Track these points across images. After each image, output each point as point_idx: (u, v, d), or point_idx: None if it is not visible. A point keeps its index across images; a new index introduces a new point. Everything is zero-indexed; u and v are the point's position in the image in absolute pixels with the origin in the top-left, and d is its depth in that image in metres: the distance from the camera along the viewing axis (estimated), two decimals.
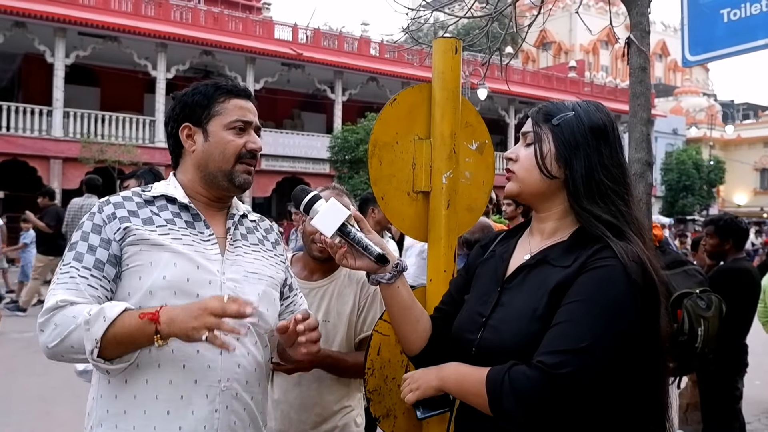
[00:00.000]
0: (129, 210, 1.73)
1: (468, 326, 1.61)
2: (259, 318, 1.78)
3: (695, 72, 50.00)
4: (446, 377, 1.60)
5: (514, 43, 9.23)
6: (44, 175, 21.40)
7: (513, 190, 1.64)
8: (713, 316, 3.71)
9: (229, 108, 1.80)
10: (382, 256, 1.72)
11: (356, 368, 2.44)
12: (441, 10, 4.05)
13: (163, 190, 1.81)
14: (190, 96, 1.84)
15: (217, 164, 1.79)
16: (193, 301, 1.60)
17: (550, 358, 1.37)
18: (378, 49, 28.35)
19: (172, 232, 1.73)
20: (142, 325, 1.51)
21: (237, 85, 1.86)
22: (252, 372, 1.78)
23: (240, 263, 1.80)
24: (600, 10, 36.56)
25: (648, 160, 3.27)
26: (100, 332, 1.50)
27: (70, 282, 1.62)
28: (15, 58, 24.23)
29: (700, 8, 4.13)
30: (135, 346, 1.56)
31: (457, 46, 2.10)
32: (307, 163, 26.37)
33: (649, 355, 1.47)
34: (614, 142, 1.57)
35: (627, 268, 1.41)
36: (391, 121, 2.07)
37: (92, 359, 1.52)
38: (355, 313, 2.54)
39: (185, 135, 1.82)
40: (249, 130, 1.83)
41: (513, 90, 27.91)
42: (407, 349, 1.81)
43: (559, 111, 1.59)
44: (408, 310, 1.77)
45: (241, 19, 25.89)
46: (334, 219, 1.71)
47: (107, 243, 1.68)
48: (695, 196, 36.07)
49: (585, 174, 1.52)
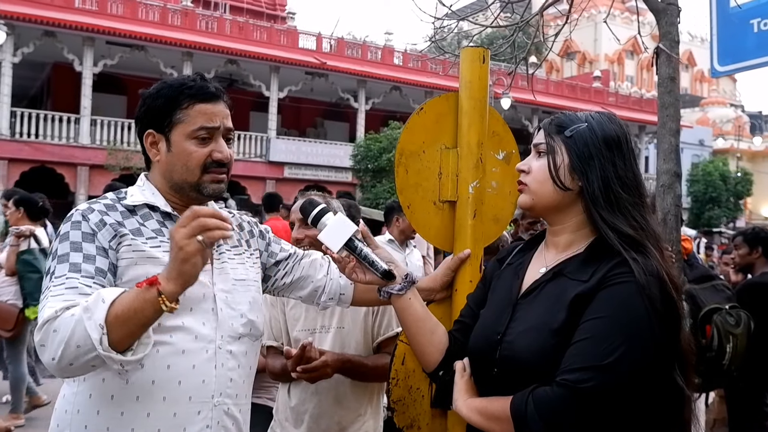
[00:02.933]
0: (116, 220, 1.63)
1: (484, 344, 1.59)
2: (250, 326, 1.75)
3: (722, 82, 49.42)
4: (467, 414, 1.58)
5: (538, 52, 9.16)
6: (71, 181, 21.70)
7: (526, 203, 1.63)
8: (742, 333, 3.67)
9: (192, 115, 1.67)
10: (388, 273, 1.71)
11: (378, 371, 2.43)
12: (467, 19, 4.05)
13: (142, 198, 1.71)
14: (154, 99, 1.70)
15: (182, 176, 1.69)
16: (187, 315, 1.58)
17: (573, 375, 1.36)
18: (401, 58, 28.39)
19: (162, 245, 1.64)
20: (143, 293, 1.37)
21: (204, 86, 1.70)
22: (241, 384, 1.74)
23: (227, 271, 1.75)
24: (625, 20, 36.30)
25: (676, 171, 3.23)
26: (102, 315, 1.35)
27: (67, 293, 1.47)
28: (44, 67, 24.63)
29: (729, 18, 4.08)
30: (143, 321, 1.39)
31: (485, 55, 2.09)
32: (330, 172, 26.43)
33: (671, 370, 1.46)
34: (628, 154, 1.56)
35: (648, 283, 1.39)
36: (418, 129, 2.06)
37: (102, 350, 1.35)
38: (370, 316, 2.52)
39: (149, 143, 1.72)
40: (216, 136, 1.70)
41: (537, 99, 27.81)
42: (425, 363, 1.79)
43: (572, 122, 1.58)
44: (422, 322, 1.75)
45: (265, 29, 26.09)
46: (341, 234, 1.70)
47: (104, 251, 1.57)
48: (722, 208, 35.57)
49: (602, 185, 1.50)
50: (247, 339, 1.75)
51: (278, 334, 2.59)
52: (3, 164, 20.63)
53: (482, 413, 1.52)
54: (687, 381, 1.51)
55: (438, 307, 2.06)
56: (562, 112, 1.65)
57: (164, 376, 1.58)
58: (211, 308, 1.67)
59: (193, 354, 1.62)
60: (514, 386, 1.46)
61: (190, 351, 1.61)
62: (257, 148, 25.00)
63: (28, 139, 21.18)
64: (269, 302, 2.57)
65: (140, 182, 1.77)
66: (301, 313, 2.54)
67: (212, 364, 1.63)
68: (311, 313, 2.52)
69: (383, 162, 22.95)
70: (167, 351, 1.58)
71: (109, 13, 22.45)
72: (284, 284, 2.00)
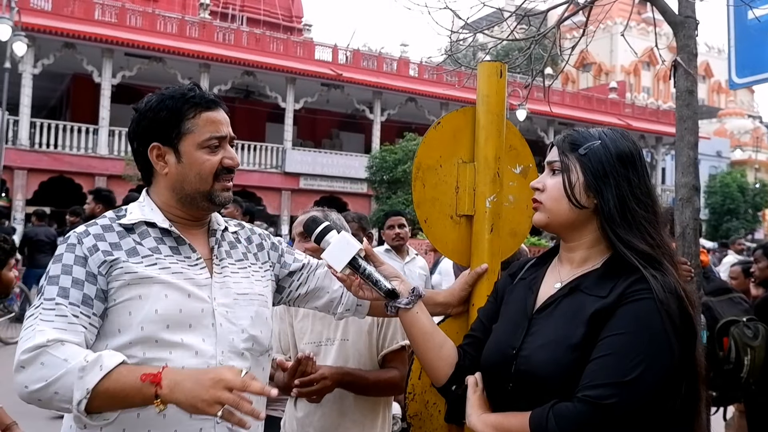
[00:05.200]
0: (111, 243, 1.62)
1: (499, 359, 1.58)
2: (253, 342, 1.73)
3: (740, 93, 49.09)
4: (482, 430, 1.56)
5: (554, 64, 9.19)
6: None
7: (541, 221, 1.63)
8: (760, 345, 3.63)
9: (200, 124, 1.68)
10: (391, 292, 1.70)
11: (379, 385, 2.42)
12: (483, 32, 4.05)
13: (141, 216, 1.69)
14: (157, 112, 1.69)
15: (194, 186, 1.69)
16: (186, 331, 1.57)
17: (595, 391, 1.35)
18: (417, 69, 28.45)
19: (159, 262, 1.63)
20: (141, 386, 1.36)
21: (205, 95, 1.71)
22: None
23: (229, 285, 1.73)
24: (641, 31, 36.21)
25: (695, 184, 3.21)
26: (94, 382, 1.35)
27: (57, 320, 1.47)
28: (64, 78, 24.95)
29: (747, 30, 4.07)
30: (126, 405, 1.40)
31: (502, 69, 2.09)
32: (345, 183, 26.49)
33: (686, 385, 1.46)
34: (642, 170, 1.56)
35: (667, 300, 1.40)
36: (435, 144, 2.07)
37: (77, 410, 1.35)
38: (375, 329, 2.51)
39: (155, 156, 1.70)
40: (223, 144, 1.71)
41: (553, 111, 27.75)
42: (435, 378, 1.77)
43: (586, 140, 1.58)
44: (429, 336, 1.75)
45: (282, 41, 26.28)
46: (344, 254, 1.70)
47: (93, 277, 1.56)
48: (740, 219, 35.25)
49: (618, 203, 1.50)
50: (250, 354, 1.72)
51: (286, 347, 2.60)
52: (23, 174, 20.88)
53: (498, 429, 1.51)
54: (700, 395, 1.50)
55: (455, 322, 2.06)
56: (575, 129, 1.65)
57: (160, 425, 1.55)
58: (211, 323, 1.65)
59: None
60: (529, 401, 1.46)
61: (190, 367, 1.57)
62: (273, 159, 25.13)
63: (47, 150, 21.44)
64: (278, 316, 2.57)
65: (141, 198, 1.77)
66: (308, 326, 2.54)
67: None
68: (317, 326, 2.52)
69: (398, 173, 22.96)
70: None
71: (128, 25, 22.74)
72: (299, 295, 1.99)
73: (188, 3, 31.34)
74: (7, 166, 18.20)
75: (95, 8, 22.58)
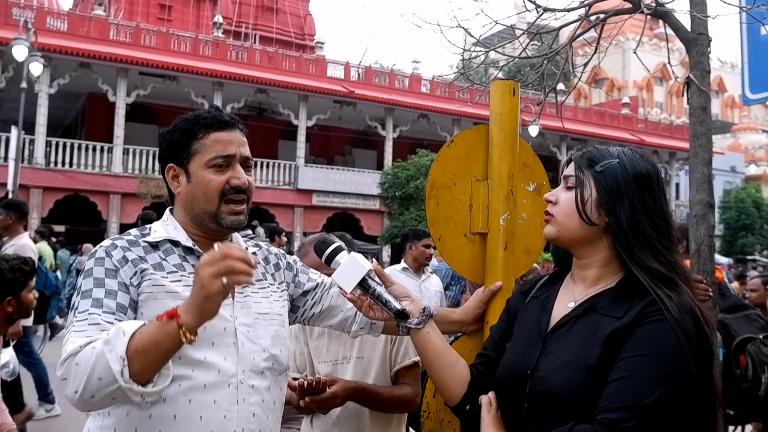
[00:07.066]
0: (138, 255, 1.65)
1: (513, 378, 1.57)
2: (273, 361, 1.74)
3: (754, 108, 48.80)
4: None
5: (566, 80, 9.18)
6: (104, 209, 22.08)
7: (551, 234, 1.62)
8: None
9: (207, 144, 1.70)
10: (401, 312, 1.70)
11: (393, 401, 2.41)
12: (495, 50, 4.07)
13: (165, 234, 1.72)
14: (171, 134, 1.74)
15: (202, 206, 1.71)
16: (208, 349, 1.59)
17: (615, 414, 1.34)
18: (429, 86, 28.56)
19: (183, 279, 1.65)
20: (163, 326, 1.37)
21: (218, 115, 1.73)
22: (265, 419, 1.71)
23: (249, 305, 1.74)
24: (654, 46, 36.16)
25: (710, 201, 3.19)
26: (123, 347, 1.36)
27: (90, 329, 1.49)
28: (79, 97, 25.23)
29: (760, 46, 4.07)
30: (163, 353, 1.39)
31: (515, 88, 2.10)
32: (358, 199, 26.53)
33: (703, 405, 1.43)
34: (659, 193, 1.54)
35: (683, 320, 1.39)
36: (449, 162, 2.07)
37: (124, 382, 1.36)
38: (389, 345, 2.51)
39: (171, 176, 1.76)
40: (233, 164, 1.71)
41: (565, 127, 27.72)
42: (448, 398, 1.76)
43: (603, 157, 1.57)
44: (442, 355, 1.74)
45: (294, 58, 26.49)
46: (354, 275, 1.70)
47: (126, 287, 1.59)
48: (755, 235, 34.97)
49: (631, 223, 1.49)
50: (270, 373, 1.73)
51: (302, 366, 2.60)
52: (38, 192, 21.08)
53: None
54: (717, 414, 1.49)
55: (469, 340, 2.05)
56: (595, 146, 1.65)
57: (185, 411, 1.57)
58: (233, 342, 1.66)
59: (214, 389, 1.61)
60: (545, 422, 1.44)
61: (211, 385, 1.60)
62: (286, 176, 25.24)
63: (63, 168, 21.66)
64: (293, 335, 2.57)
65: (165, 217, 1.80)
66: (324, 345, 2.54)
67: (234, 398, 1.61)
68: (333, 345, 2.52)
69: (411, 189, 22.99)
70: (189, 385, 1.58)
71: (143, 45, 23.01)
72: (313, 314, 2.00)
73: (202, 22, 31.75)
74: (23, 185, 18.37)
75: (110, 28, 22.91)
